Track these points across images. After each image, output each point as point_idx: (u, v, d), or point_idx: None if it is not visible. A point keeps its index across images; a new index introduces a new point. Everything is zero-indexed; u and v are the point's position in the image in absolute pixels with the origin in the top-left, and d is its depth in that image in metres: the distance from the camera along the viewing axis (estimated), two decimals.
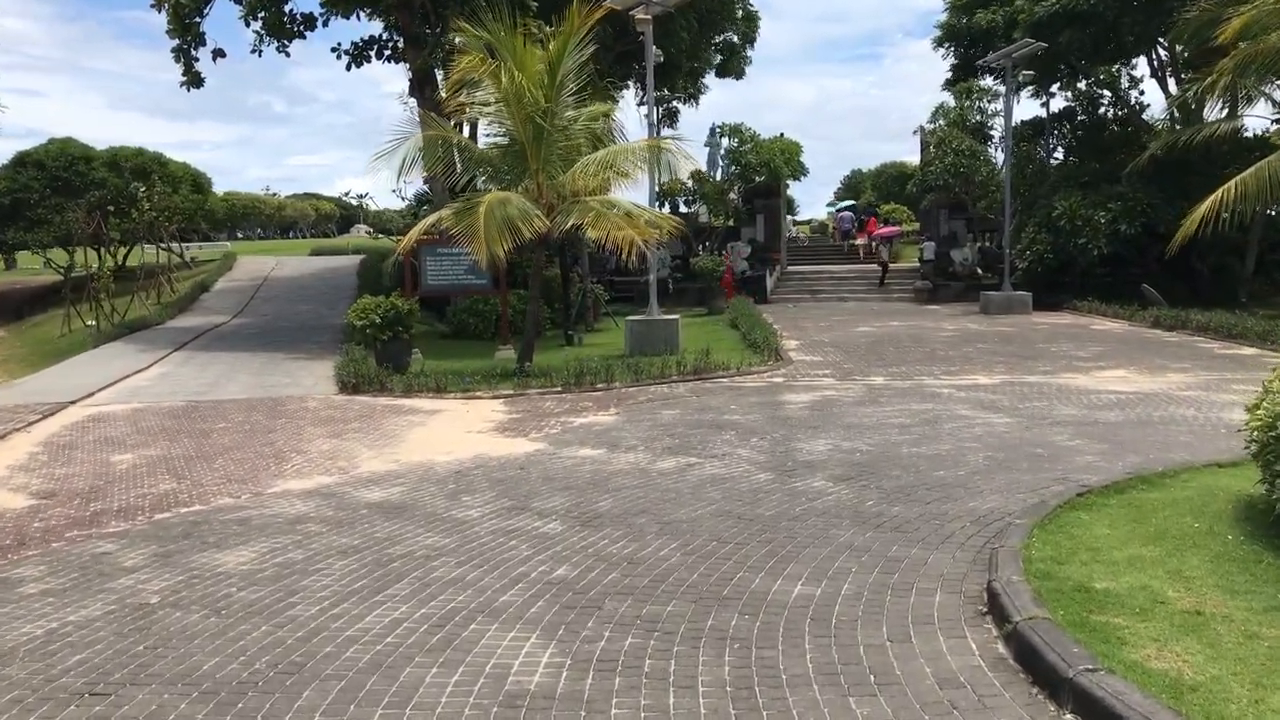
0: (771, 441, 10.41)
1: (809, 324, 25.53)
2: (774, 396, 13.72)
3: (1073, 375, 15.28)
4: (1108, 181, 30.04)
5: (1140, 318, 23.63)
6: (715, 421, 11.83)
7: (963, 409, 12.25)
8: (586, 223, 16.22)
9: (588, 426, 11.91)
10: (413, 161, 16.94)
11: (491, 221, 15.35)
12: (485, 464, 9.88)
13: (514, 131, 17.03)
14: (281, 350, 21.70)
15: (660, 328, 20.33)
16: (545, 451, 10.44)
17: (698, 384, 15.26)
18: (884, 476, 8.59)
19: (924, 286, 33.38)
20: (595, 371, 15.31)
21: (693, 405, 13.25)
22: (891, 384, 14.79)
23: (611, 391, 14.80)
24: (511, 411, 13.33)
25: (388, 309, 17.33)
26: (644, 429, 11.55)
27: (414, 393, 15.04)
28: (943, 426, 11.02)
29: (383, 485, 9.07)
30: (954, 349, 19.05)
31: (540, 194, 17.17)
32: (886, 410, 12.28)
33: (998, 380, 14.90)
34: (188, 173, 45.66)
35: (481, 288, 21.78)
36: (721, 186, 36.03)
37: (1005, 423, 11.19)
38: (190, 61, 24.11)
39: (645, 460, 9.72)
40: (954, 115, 33.65)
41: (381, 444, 11.23)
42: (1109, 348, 18.84)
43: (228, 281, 40.62)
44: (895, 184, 75.51)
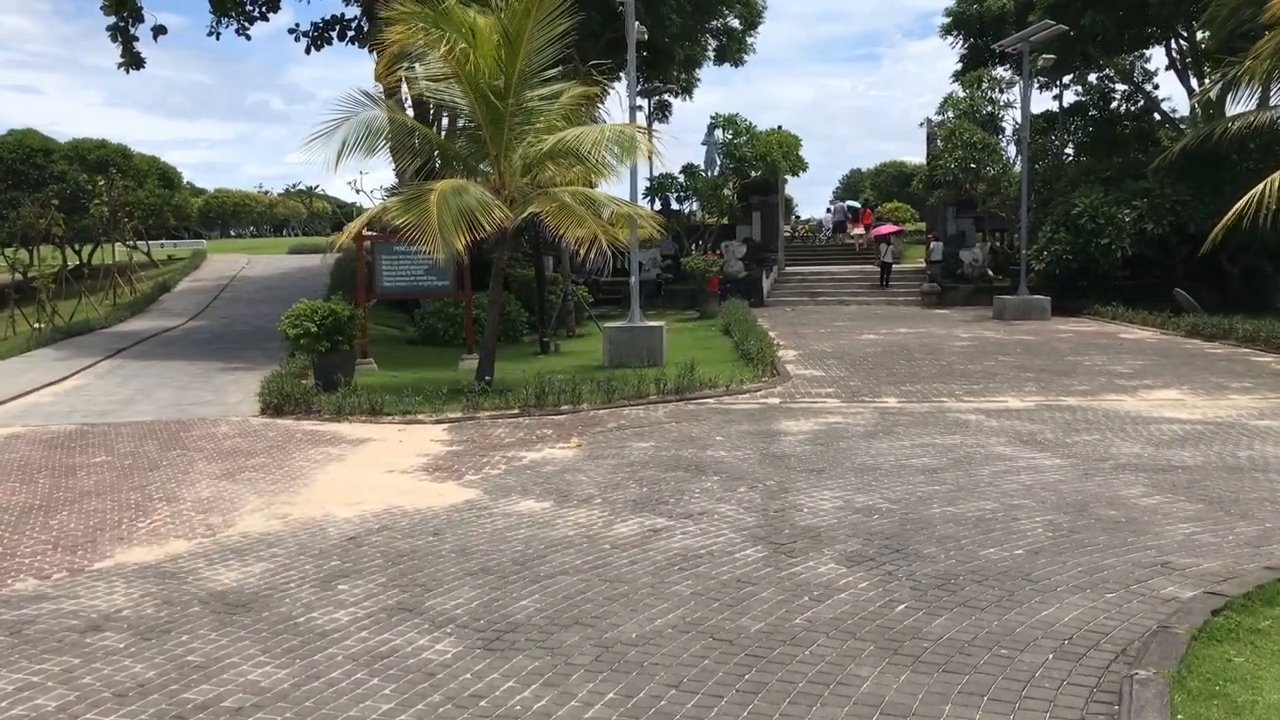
0: (764, 493, 8.17)
1: (808, 330, 23.31)
2: (769, 424, 11.48)
3: (1117, 397, 13.06)
4: (1131, 177, 27.83)
5: (1174, 325, 21.41)
6: (695, 460, 9.58)
7: (998, 444, 10.02)
8: (548, 213, 14.01)
9: (539, 465, 9.67)
10: (354, 145, 14.68)
11: (446, 211, 13.15)
12: (393, 525, 7.64)
13: (468, 113, 14.80)
14: (223, 359, 19.48)
15: (643, 337, 18.12)
16: (476, 505, 8.20)
17: (680, 406, 13.02)
18: (914, 556, 6.35)
19: (931, 289, 31.18)
20: (560, 390, 13.06)
21: (671, 435, 11.02)
22: (907, 407, 12.56)
23: (578, 415, 12.56)
24: (452, 442, 11.09)
25: (325, 315, 15.06)
26: (607, 470, 9.31)
27: (345, 415, 12.79)
28: (979, 471, 8.78)
29: (247, 559, 6.83)
30: (973, 362, 16.82)
31: (502, 183, 14.99)
32: (905, 445, 10.05)
33: (1031, 403, 12.68)
34: (155, 166, 43.31)
35: (443, 290, 19.54)
36: (716, 182, 33.74)
37: (1055, 466, 8.95)
38: (129, 40, 21.83)
39: (599, 522, 7.48)
40: (964, 106, 31.39)
41: (278, 489, 8.99)
42: (1149, 361, 16.61)
43: (192, 281, 38.36)
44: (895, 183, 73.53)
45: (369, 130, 14.78)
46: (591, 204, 14.91)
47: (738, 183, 34.36)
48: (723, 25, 37.57)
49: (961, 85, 32.52)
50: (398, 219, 13.25)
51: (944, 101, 32.25)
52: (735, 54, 38.94)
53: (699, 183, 33.75)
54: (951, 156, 30.53)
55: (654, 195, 35.16)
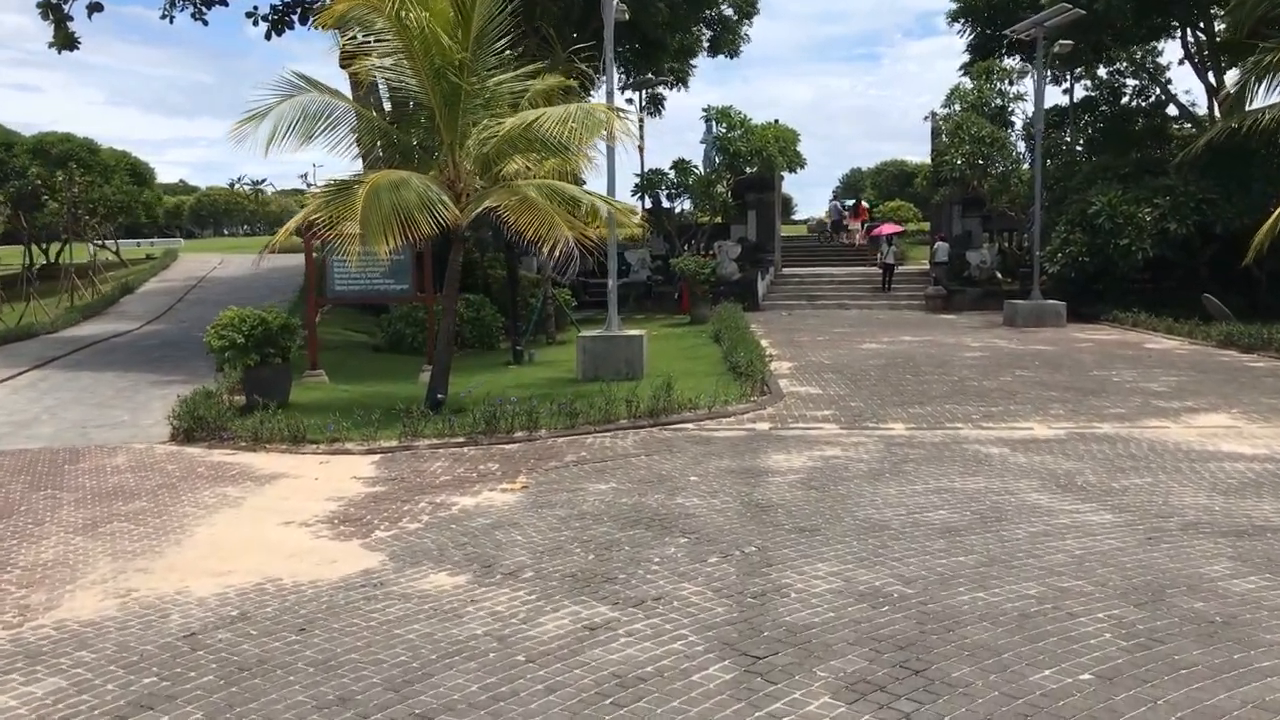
0: (741, 566, 6.38)
1: (805, 338, 21.52)
2: (754, 459, 9.70)
3: (1159, 423, 11.28)
4: (1151, 173, 26.05)
5: (1203, 334, 19.63)
6: (661, 511, 7.80)
7: (1031, 490, 8.23)
8: (506, 209, 12.24)
9: (470, 515, 7.89)
10: (289, 130, 12.90)
11: (374, 209, 11.38)
12: (254, 612, 5.85)
13: (419, 93, 13.02)
14: (164, 370, 17.69)
15: (621, 347, 16.34)
16: (372, 579, 6.42)
17: (653, 433, 11.24)
18: (940, 684, 4.55)
19: (936, 293, 29.40)
20: (514, 414, 11.27)
21: (637, 473, 9.23)
22: (917, 436, 10.78)
23: (533, 444, 10.77)
24: (377, 480, 9.31)
25: (255, 325, 13.28)
26: (551, 524, 7.53)
27: (264, 442, 11.00)
28: (1012, 532, 6.99)
29: (36, 672, 5.05)
30: (988, 377, 15.03)
31: (457, 176, 13.23)
32: (917, 491, 8.26)
33: (1060, 431, 10.90)
34: (125, 162, 41.53)
35: (402, 294, 17.73)
36: (709, 178, 31.91)
37: (1107, 524, 7.16)
38: (61, 19, 20.02)
39: (522, 611, 5.70)
40: (971, 98, 29.57)
41: (141, 549, 7.21)
42: (1185, 377, 14.83)
43: (160, 282, 36.58)
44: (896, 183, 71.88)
45: (305, 114, 13.01)
46: (560, 199, 13.15)
47: (732, 179, 32.54)
48: (716, 15, 35.78)
49: (969, 76, 30.69)
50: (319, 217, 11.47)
51: (950, 93, 30.42)
52: (730, 44, 37.11)
53: (691, 179, 31.91)
54: (958, 151, 28.73)
55: (644, 192, 33.34)
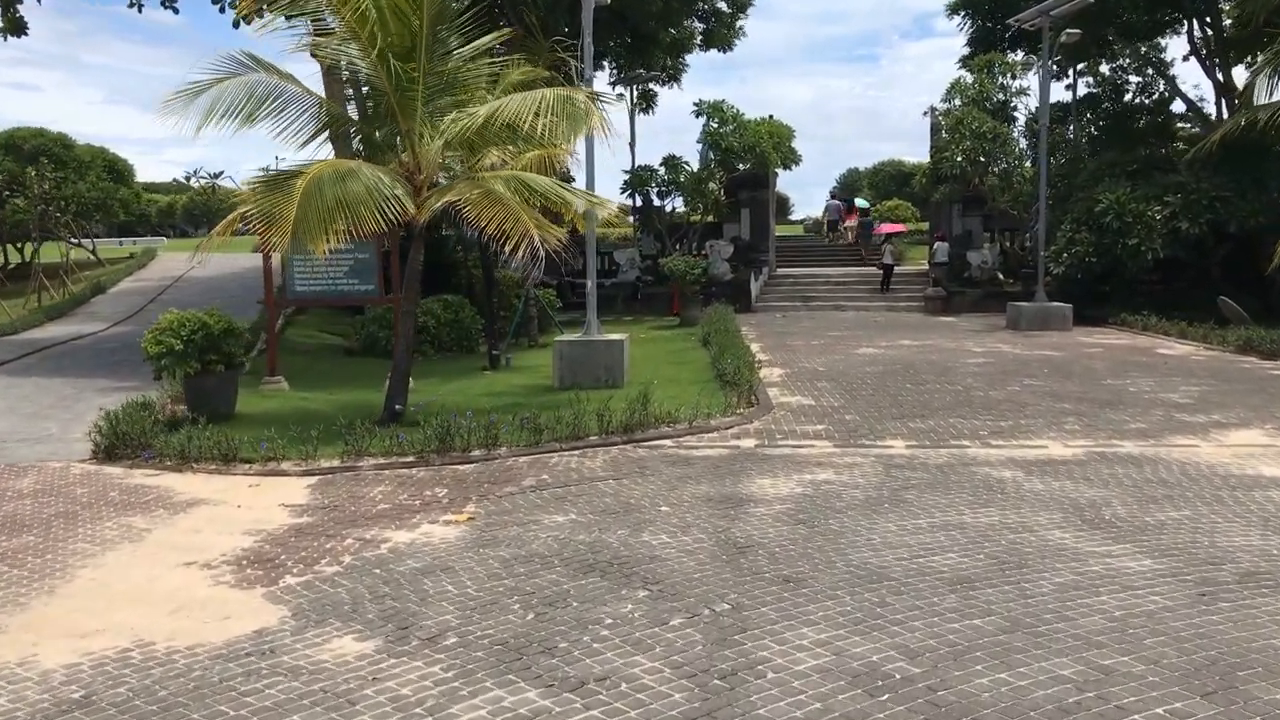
0: (708, 633, 5.25)
1: (799, 342, 20.40)
2: (736, 485, 8.57)
3: (1187, 441, 10.17)
4: (1160, 170, 24.95)
5: (1219, 339, 18.52)
6: (621, 554, 6.67)
7: (1052, 526, 7.11)
8: (467, 203, 11.11)
9: (400, 557, 6.75)
10: (227, 112, 11.76)
11: (311, 205, 10.28)
12: (100, 696, 4.72)
13: (372, 76, 11.88)
14: (117, 375, 16.57)
15: (600, 352, 15.22)
16: (263, 644, 5.29)
17: (625, 452, 10.10)
18: None
19: (936, 294, 28.28)
20: (471, 430, 10.12)
21: (601, 502, 8.10)
22: (919, 455, 9.66)
23: (490, 465, 9.64)
24: (307, 508, 8.17)
25: (194, 329, 12.14)
26: (489, 572, 6.40)
27: (191, 462, 9.86)
28: (1035, 585, 5.86)
29: None
30: (994, 386, 13.92)
31: (418, 167, 12.14)
32: (921, 527, 7.13)
33: (1079, 450, 9.79)
34: (102, 158, 40.29)
35: (367, 295, 16.57)
36: (700, 176, 30.76)
37: (1147, 573, 6.03)
38: (9, 3, 18.84)
39: (431, 697, 4.57)
40: (972, 93, 28.44)
41: (4, 600, 6.08)
42: (1207, 387, 13.72)
43: (134, 281, 35.37)
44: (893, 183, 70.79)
45: (250, 95, 11.88)
46: (532, 192, 12.03)
47: (725, 176, 31.39)
48: (710, 8, 34.64)
49: (969, 70, 29.56)
50: (249, 212, 10.35)
51: (950, 88, 29.24)
52: (723, 39, 35.95)
53: (682, 176, 30.75)
54: (958, 148, 27.58)
55: (634, 190, 32.18)
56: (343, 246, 16.11)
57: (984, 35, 31.70)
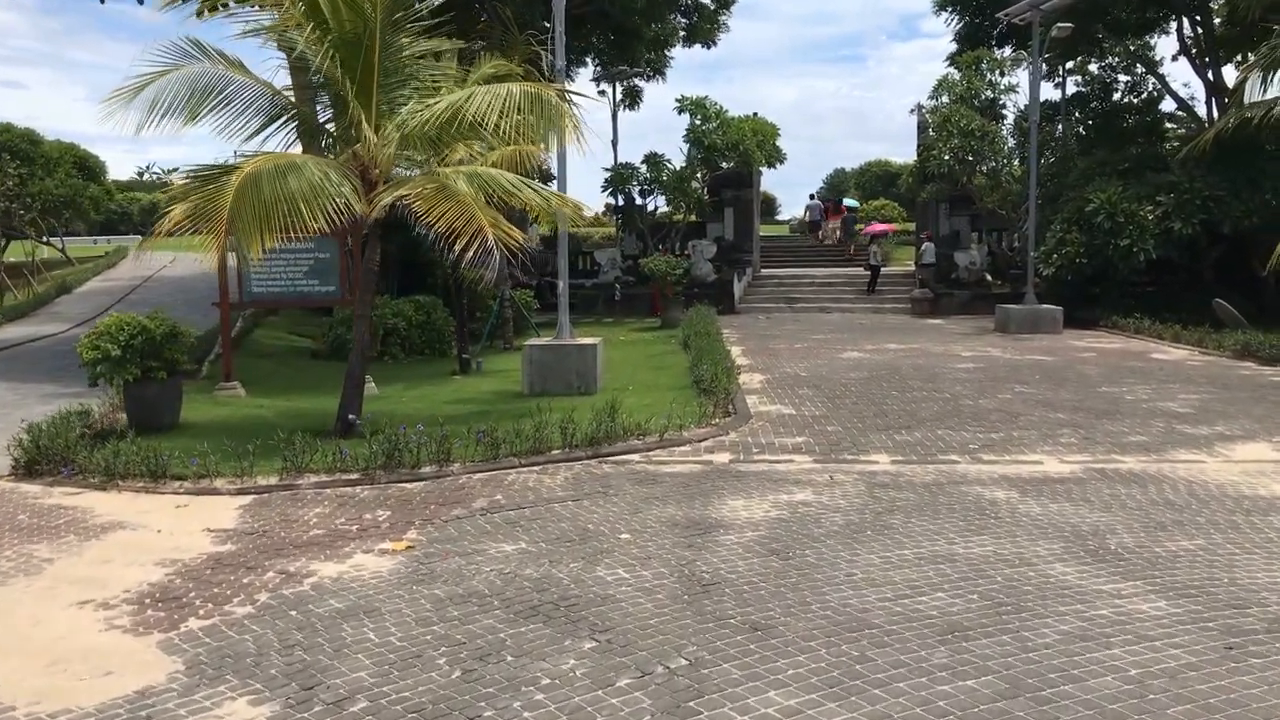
0: (659, 699, 4.50)
1: (782, 345, 19.70)
2: (705, 507, 7.83)
3: (1191, 456, 9.50)
4: (1152, 169, 24.34)
5: (1215, 343, 17.90)
6: (571, 592, 5.93)
7: (1053, 558, 6.39)
8: (418, 199, 10.35)
9: (320, 596, 6.00)
10: (172, 108, 10.98)
11: (247, 202, 9.51)
12: None
13: (319, 63, 11.09)
14: (65, 380, 15.64)
15: (571, 357, 14.49)
16: (141, 709, 4.53)
17: (589, 468, 9.36)
18: None
19: (923, 296, 27.64)
20: (420, 444, 9.34)
21: (557, 528, 7.35)
22: (905, 472, 8.95)
23: (442, 483, 8.88)
24: (233, 534, 7.41)
25: (134, 333, 11.35)
26: (419, 614, 5.66)
27: (118, 478, 9.07)
28: (1037, 635, 5.15)
29: None
30: (984, 394, 13.23)
31: (372, 160, 11.38)
32: (908, 560, 6.41)
33: (1077, 466, 9.10)
34: (72, 155, 39.28)
35: (329, 296, 15.77)
36: (682, 174, 30.02)
37: (1164, 621, 5.33)
38: None
39: None
40: (960, 90, 27.77)
41: None
42: (1207, 395, 13.06)
43: (102, 281, 34.41)
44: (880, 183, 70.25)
45: (193, 89, 11.10)
46: (494, 190, 11.28)
47: (708, 174, 30.66)
48: (693, 2, 33.91)
49: (956, 67, 28.91)
50: (175, 208, 9.57)
51: (937, 85, 28.54)
52: (707, 34, 35.23)
53: (664, 174, 30.00)
54: (946, 146, 26.91)
55: (615, 188, 31.40)
56: (302, 246, 15.54)
57: (972, 32, 31.10)
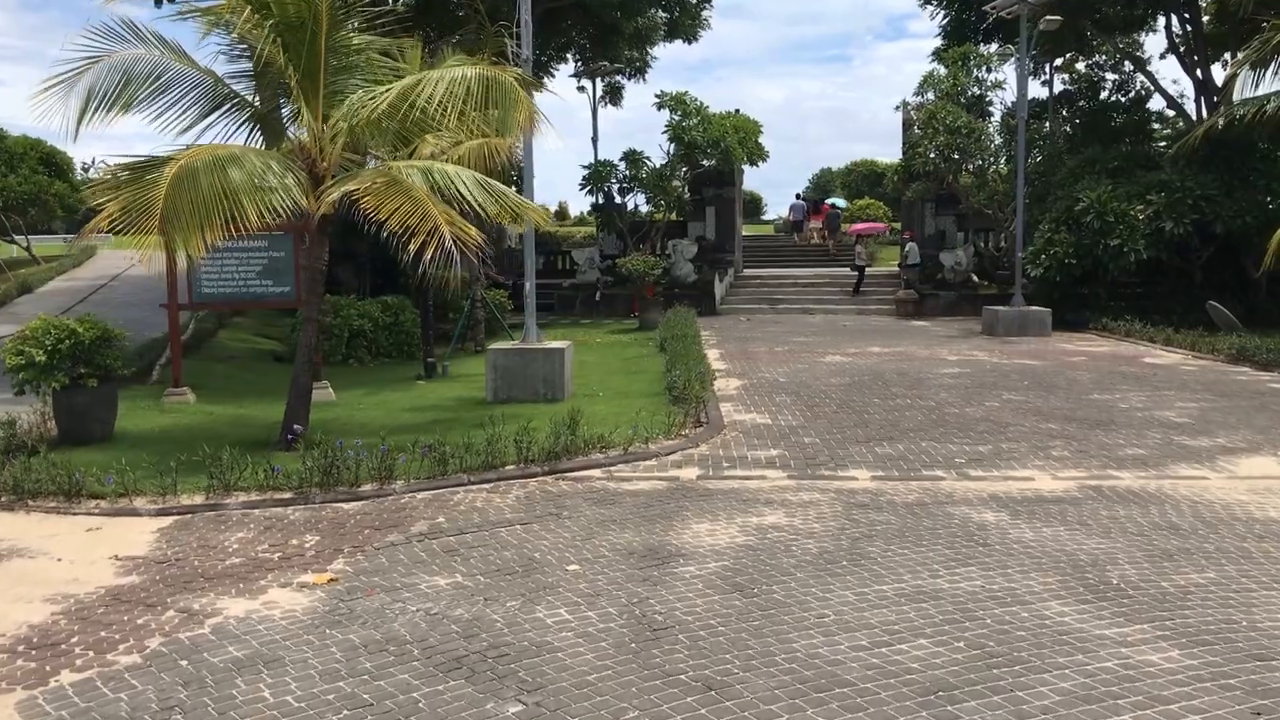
0: None
1: (761, 349, 19.02)
2: (666, 533, 7.12)
3: (1194, 471, 8.85)
4: (1143, 167, 23.77)
5: (1209, 347, 17.31)
6: (504, 639, 5.22)
7: (1049, 595, 5.71)
8: (366, 195, 9.62)
9: (219, 642, 5.27)
10: (105, 98, 10.21)
11: (184, 197, 8.79)
12: None
13: (263, 48, 10.32)
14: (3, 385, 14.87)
15: (538, 362, 13.77)
16: None
17: (545, 485, 8.64)
18: None
19: (908, 297, 27.02)
20: (360, 461, 8.59)
21: (500, 558, 6.63)
22: (885, 490, 8.26)
23: (382, 503, 8.14)
24: (139, 564, 6.66)
25: (62, 337, 10.58)
26: (326, 667, 4.93)
27: (27, 497, 8.30)
28: (1034, 696, 4.45)
29: None
30: (971, 402, 12.57)
31: (320, 154, 10.66)
32: (887, 599, 5.72)
33: (1071, 483, 8.44)
34: (37, 150, 38.22)
35: (283, 298, 14.98)
36: (662, 172, 29.32)
37: (1179, 678, 4.63)
38: None
39: None
40: (946, 86, 27.18)
41: None
42: (1204, 403, 12.44)
43: (67, 280, 33.43)
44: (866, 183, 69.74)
45: (125, 76, 10.34)
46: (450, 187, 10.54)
47: (689, 172, 29.97)
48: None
49: (942, 63, 28.32)
50: (103, 204, 8.82)
51: (923, 81, 27.95)
52: (689, 29, 34.54)
53: (643, 171, 29.29)
54: (932, 143, 26.29)
55: (594, 186, 30.67)
56: (254, 244, 14.76)
57: (958, 27, 30.52)
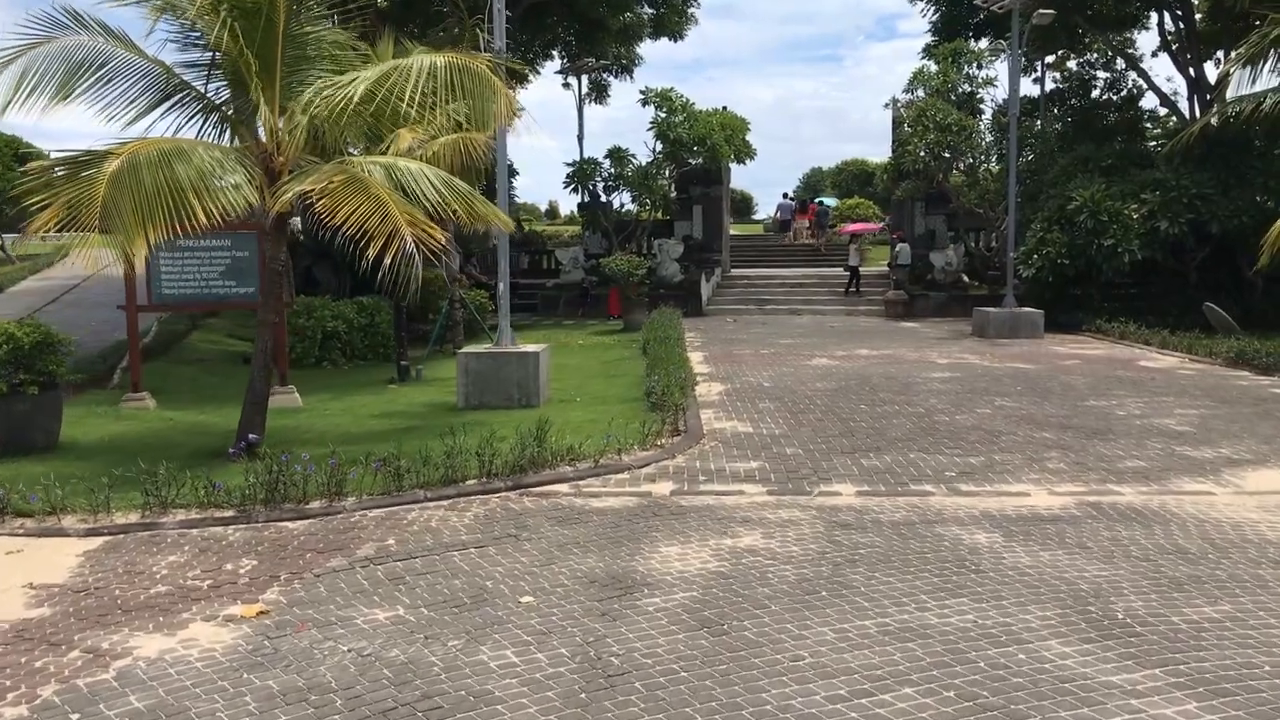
0: None
1: (746, 351, 18.48)
2: (631, 558, 6.56)
3: (1199, 485, 8.33)
4: (1137, 166, 23.30)
5: (1206, 350, 16.83)
6: (438, 687, 4.65)
7: (1048, 632, 5.18)
8: (321, 192, 9.03)
9: (121, 689, 4.69)
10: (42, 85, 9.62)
11: (125, 193, 8.25)
12: None
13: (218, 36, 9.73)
14: None
15: (511, 367, 13.20)
16: None
17: (508, 503, 8.07)
18: None
19: (897, 298, 26.51)
20: (307, 477, 8.00)
21: (448, 587, 6.07)
22: (870, 508, 7.72)
23: (330, 521, 7.57)
24: (55, 592, 6.07)
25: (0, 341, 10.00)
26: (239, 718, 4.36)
27: None
28: None
29: None
30: (961, 409, 12.04)
31: (277, 148, 10.10)
32: (869, 635, 5.17)
33: (1068, 499, 7.91)
34: (12, 148, 37.46)
35: (247, 299, 14.37)
36: (647, 170, 28.75)
37: None
38: None
39: None
40: (936, 83, 26.68)
41: None
42: (1205, 409, 11.93)
43: (39, 280, 32.72)
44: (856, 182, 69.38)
45: (65, 63, 9.76)
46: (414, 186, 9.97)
47: (675, 170, 29.40)
48: None
49: (933, 60, 27.82)
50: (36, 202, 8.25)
51: (913, 77, 27.43)
52: (675, 25, 34.00)
53: (627, 169, 28.71)
54: (921, 141, 25.77)
55: (578, 184, 30.09)
56: (217, 243, 14.18)
57: (949, 22, 30.03)
